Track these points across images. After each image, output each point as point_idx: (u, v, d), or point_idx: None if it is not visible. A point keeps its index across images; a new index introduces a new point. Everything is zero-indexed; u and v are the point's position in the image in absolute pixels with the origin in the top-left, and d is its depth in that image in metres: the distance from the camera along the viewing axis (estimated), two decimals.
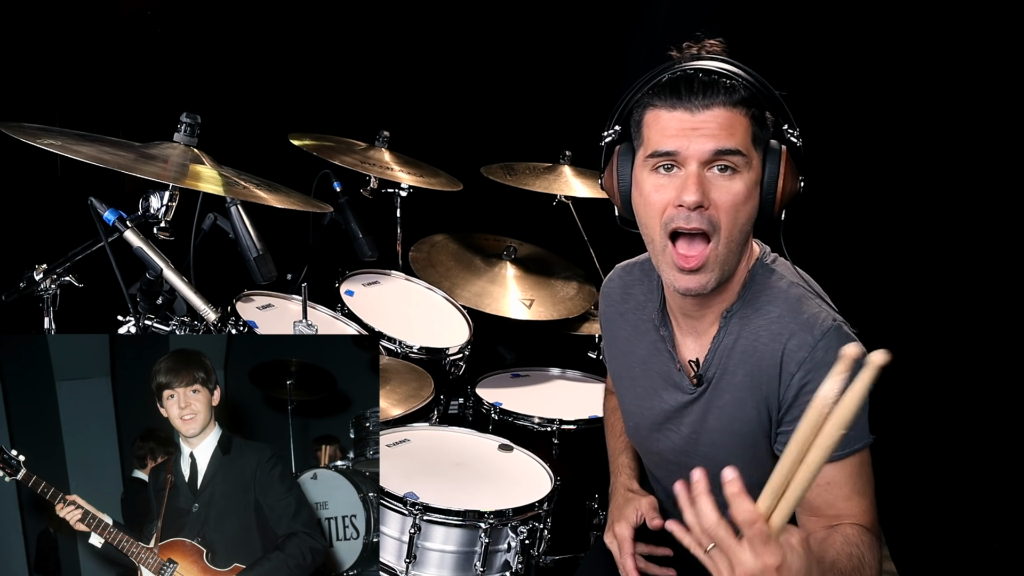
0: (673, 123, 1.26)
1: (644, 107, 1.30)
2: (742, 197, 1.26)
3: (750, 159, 1.27)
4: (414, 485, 1.76)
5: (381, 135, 2.64)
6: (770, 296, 1.36)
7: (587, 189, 2.65)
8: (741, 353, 1.36)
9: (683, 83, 1.25)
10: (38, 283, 1.65)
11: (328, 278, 2.34)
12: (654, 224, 1.30)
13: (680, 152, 1.25)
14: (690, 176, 1.25)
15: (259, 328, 1.95)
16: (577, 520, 2.22)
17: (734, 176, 1.26)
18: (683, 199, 1.25)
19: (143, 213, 1.64)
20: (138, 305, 1.69)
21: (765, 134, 1.30)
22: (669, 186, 1.27)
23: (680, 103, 1.25)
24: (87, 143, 1.55)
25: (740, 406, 1.37)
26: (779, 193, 1.29)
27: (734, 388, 1.37)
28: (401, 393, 1.69)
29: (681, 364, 1.42)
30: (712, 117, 1.25)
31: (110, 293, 1.67)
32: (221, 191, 1.61)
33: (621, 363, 1.54)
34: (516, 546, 1.73)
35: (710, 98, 1.24)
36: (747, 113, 1.26)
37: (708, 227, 1.26)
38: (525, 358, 2.63)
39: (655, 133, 1.28)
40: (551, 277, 2.67)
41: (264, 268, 1.82)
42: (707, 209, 1.25)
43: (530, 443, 2.07)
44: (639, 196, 1.32)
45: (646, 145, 1.30)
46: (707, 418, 1.41)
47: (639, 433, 1.56)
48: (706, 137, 1.24)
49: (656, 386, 1.47)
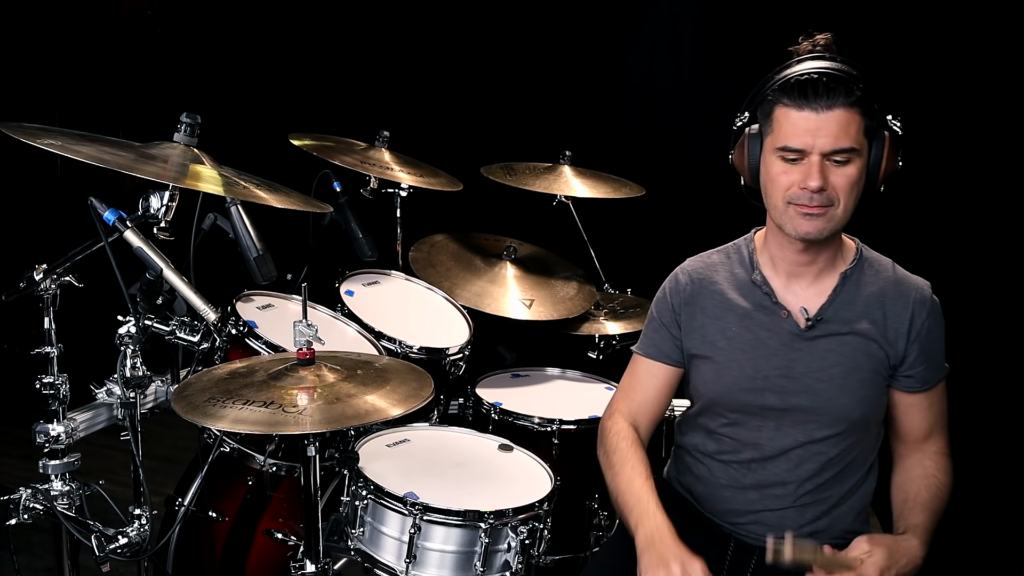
0: (801, 122, 1.50)
1: (775, 103, 1.55)
2: (855, 179, 1.53)
3: (861, 149, 1.53)
4: (414, 485, 1.76)
5: (381, 135, 2.64)
6: (881, 264, 1.66)
7: (587, 189, 2.66)
8: (865, 305, 1.61)
9: (810, 86, 1.50)
10: (38, 283, 1.65)
11: (328, 278, 2.34)
12: (779, 197, 1.56)
13: (807, 148, 1.51)
14: (813, 165, 1.50)
15: (259, 328, 1.95)
16: (577, 520, 2.22)
17: (848, 164, 1.52)
18: (808, 184, 1.51)
19: (143, 213, 1.64)
20: (138, 305, 1.69)
21: (875, 123, 1.55)
22: (795, 172, 1.53)
23: (807, 104, 1.50)
24: (87, 143, 1.55)
25: (861, 348, 1.60)
26: (881, 173, 1.56)
27: (857, 333, 1.61)
28: (401, 393, 1.68)
29: (790, 312, 1.63)
30: (834, 118, 1.49)
31: (110, 293, 1.67)
32: (221, 191, 1.61)
33: (711, 330, 1.68)
34: (516, 546, 1.73)
35: (832, 99, 1.49)
36: (861, 110, 1.51)
37: (827, 203, 1.52)
38: (525, 358, 2.63)
39: (786, 128, 1.52)
40: (551, 277, 2.67)
41: (264, 268, 1.82)
42: (826, 191, 1.52)
43: (530, 443, 2.08)
44: (766, 175, 1.58)
45: (776, 136, 1.54)
46: (827, 356, 1.61)
47: (737, 386, 1.64)
48: (828, 137, 1.49)
49: (760, 337, 1.64)
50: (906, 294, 1.63)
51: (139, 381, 1.73)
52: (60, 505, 1.71)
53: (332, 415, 1.49)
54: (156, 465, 2.50)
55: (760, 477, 1.65)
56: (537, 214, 2.83)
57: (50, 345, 1.69)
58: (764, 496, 1.64)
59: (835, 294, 1.62)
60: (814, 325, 1.61)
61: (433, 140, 3.38)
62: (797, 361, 1.62)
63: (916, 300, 1.62)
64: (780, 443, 1.63)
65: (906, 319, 1.61)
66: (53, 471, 1.72)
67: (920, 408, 1.65)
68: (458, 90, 3.64)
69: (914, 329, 1.61)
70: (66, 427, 1.72)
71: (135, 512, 1.75)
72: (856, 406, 1.60)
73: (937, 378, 1.65)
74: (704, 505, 1.71)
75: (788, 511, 1.63)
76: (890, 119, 1.57)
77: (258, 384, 1.57)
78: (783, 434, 1.63)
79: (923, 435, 1.67)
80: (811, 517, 1.63)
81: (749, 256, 1.69)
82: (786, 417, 1.62)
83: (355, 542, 1.76)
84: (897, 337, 1.61)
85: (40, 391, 1.70)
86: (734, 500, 1.67)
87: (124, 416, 1.73)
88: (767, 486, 1.64)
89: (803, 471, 1.62)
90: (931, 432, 1.67)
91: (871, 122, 1.54)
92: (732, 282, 1.69)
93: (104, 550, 1.68)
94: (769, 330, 1.64)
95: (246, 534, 2.04)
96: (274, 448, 1.93)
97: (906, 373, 1.63)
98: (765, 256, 1.68)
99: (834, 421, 1.61)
